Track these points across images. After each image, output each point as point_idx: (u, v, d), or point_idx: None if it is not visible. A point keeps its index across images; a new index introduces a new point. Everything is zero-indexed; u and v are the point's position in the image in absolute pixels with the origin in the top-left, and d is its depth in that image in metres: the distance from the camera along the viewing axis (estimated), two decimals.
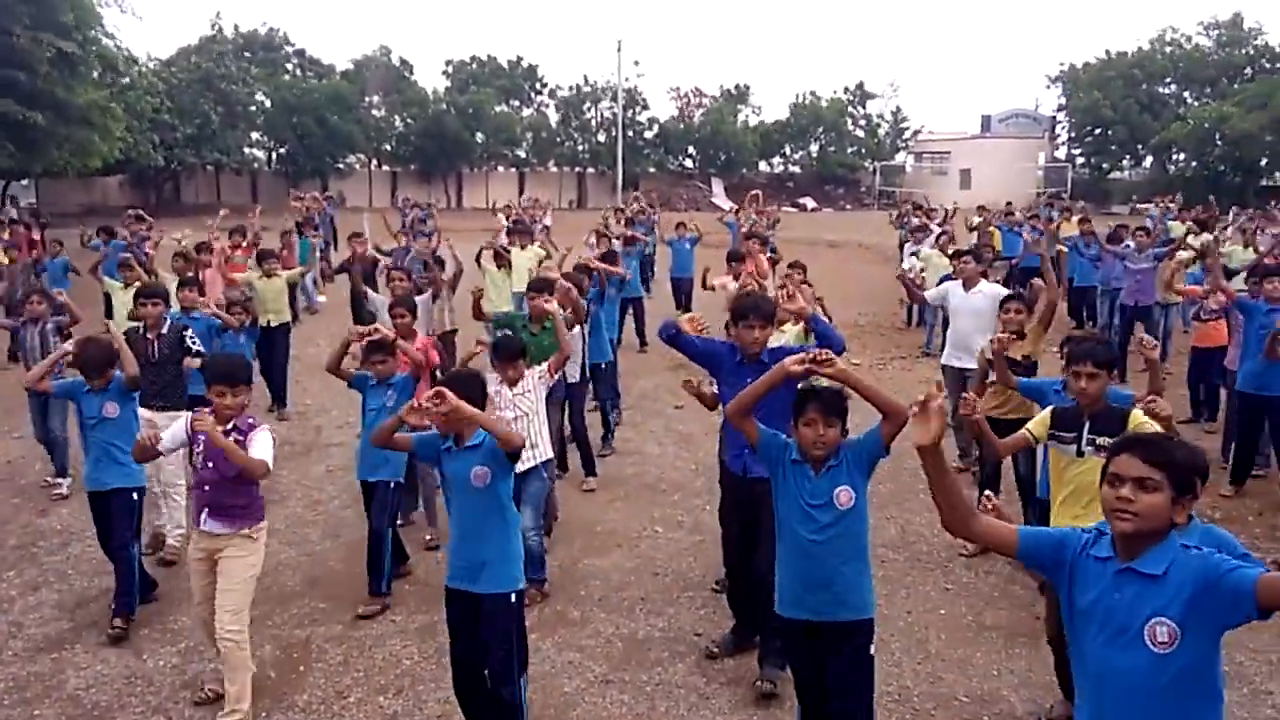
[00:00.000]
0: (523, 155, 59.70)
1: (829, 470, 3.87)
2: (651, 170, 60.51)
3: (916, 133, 64.30)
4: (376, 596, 5.96)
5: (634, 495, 8.09)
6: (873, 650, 3.97)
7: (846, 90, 63.95)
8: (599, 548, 6.94)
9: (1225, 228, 17.91)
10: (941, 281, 9.63)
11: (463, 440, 4.27)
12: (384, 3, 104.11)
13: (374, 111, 56.06)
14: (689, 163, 63.12)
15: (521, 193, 54.36)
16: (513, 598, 4.33)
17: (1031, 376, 6.36)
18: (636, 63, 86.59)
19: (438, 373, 6.87)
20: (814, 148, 64.11)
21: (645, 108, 60.79)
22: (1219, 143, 50.37)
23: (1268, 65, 54.82)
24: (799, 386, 4.01)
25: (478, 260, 12.11)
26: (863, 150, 63.06)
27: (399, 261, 12.88)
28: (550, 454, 6.36)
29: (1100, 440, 4.45)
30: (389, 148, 57.15)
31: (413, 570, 6.49)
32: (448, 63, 59.59)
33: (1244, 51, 56.09)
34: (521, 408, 5.99)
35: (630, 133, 57.98)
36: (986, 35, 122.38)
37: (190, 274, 9.88)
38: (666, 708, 4.90)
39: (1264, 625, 5.57)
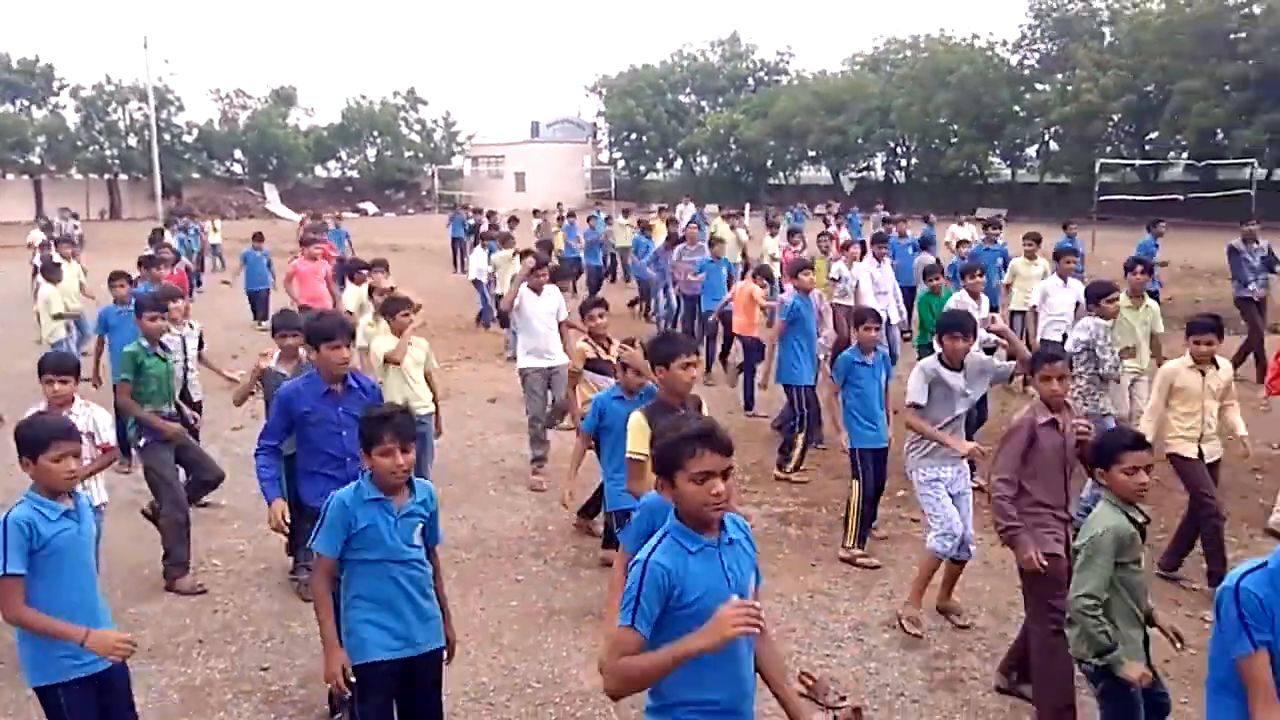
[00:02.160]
0: (37, 161, 52.75)
1: (408, 514, 3.71)
2: (195, 176, 56.31)
3: (471, 137, 65.73)
4: None
5: None
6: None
7: (398, 94, 63.83)
8: (147, 592, 6.30)
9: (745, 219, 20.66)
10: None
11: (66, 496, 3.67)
12: None
13: None
14: (237, 168, 59.65)
15: (39, 202, 48.11)
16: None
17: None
18: (167, 61, 79.81)
19: None
20: (370, 152, 63.33)
21: (181, 109, 56.45)
22: (733, 147, 57.11)
23: (765, 78, 62.97)
24: (370, 413, 3.77)
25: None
26: (420, 154, 63.30)
27: None
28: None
29: None
30: None
31: None
32: None
33: (745, 65, 63.97)
34: None
35: (167, 136, 53.45)
36: (530, 46, 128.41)
37: None
38: None
39: (781, 573, 6.42)
